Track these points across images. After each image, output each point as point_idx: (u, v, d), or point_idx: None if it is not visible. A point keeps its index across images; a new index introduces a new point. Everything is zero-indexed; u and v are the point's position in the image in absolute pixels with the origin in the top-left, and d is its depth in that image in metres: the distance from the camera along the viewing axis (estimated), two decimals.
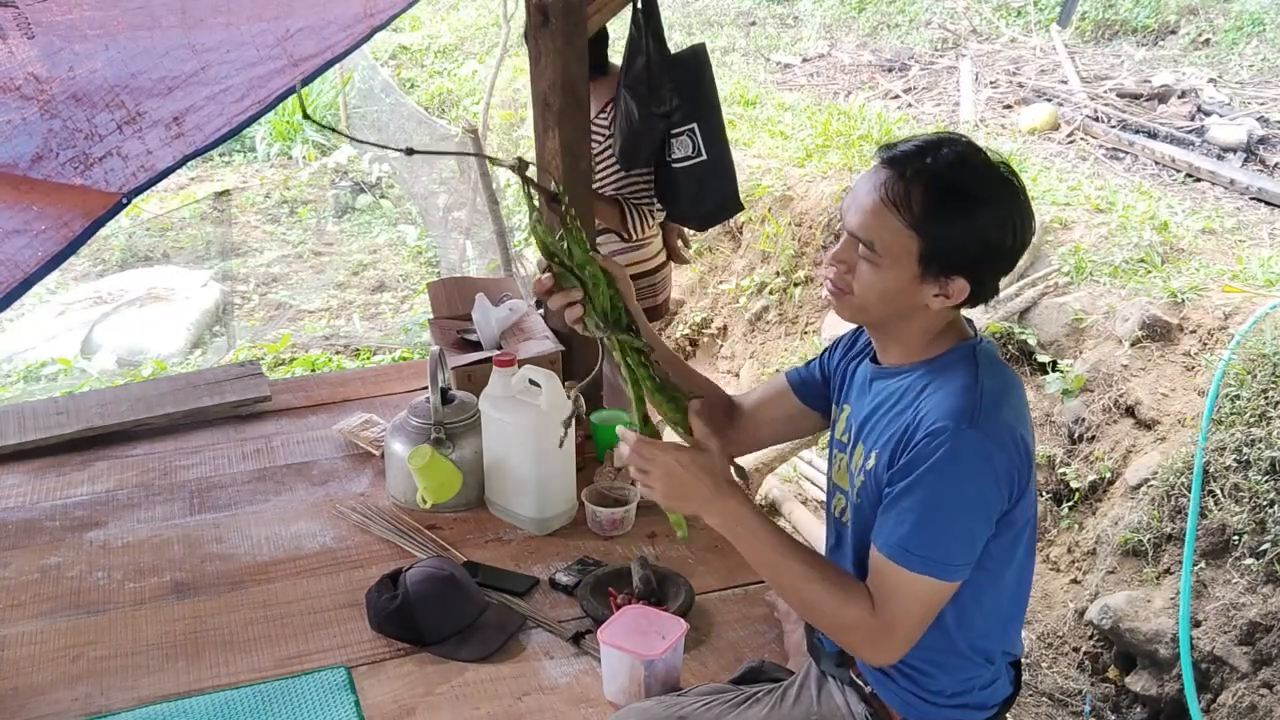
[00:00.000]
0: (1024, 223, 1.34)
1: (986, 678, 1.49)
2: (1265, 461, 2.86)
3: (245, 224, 7.12)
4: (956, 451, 1.29)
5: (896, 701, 1.49)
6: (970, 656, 1.46)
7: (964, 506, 1.31)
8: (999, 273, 1.37)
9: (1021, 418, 1.38)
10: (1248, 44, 6.87)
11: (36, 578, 2.11)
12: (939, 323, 1.41)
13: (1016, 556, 1.42)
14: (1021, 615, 1.52)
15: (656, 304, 3.19)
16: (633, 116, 2.81)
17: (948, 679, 1.46)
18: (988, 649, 1.47)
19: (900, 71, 7.11)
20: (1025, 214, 1.34)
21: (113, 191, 2.05)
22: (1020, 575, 1.46)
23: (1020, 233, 1.33)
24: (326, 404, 2.81)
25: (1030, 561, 1.48)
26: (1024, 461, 1.36)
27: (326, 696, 1.76)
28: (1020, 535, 1.41)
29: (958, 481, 1.30)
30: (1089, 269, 3.79)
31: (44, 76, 1.81)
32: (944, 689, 1.46)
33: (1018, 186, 1.34)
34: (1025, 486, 1.37)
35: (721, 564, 2.13)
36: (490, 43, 8.80)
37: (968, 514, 1.32)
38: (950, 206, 1.31)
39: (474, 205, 5.55)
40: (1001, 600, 1.45)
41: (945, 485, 1.30)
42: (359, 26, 2.20)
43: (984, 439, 1.30)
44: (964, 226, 1.31)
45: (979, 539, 1.34)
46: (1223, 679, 2.75)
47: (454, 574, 1.93)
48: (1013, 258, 1.36)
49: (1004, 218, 1.32)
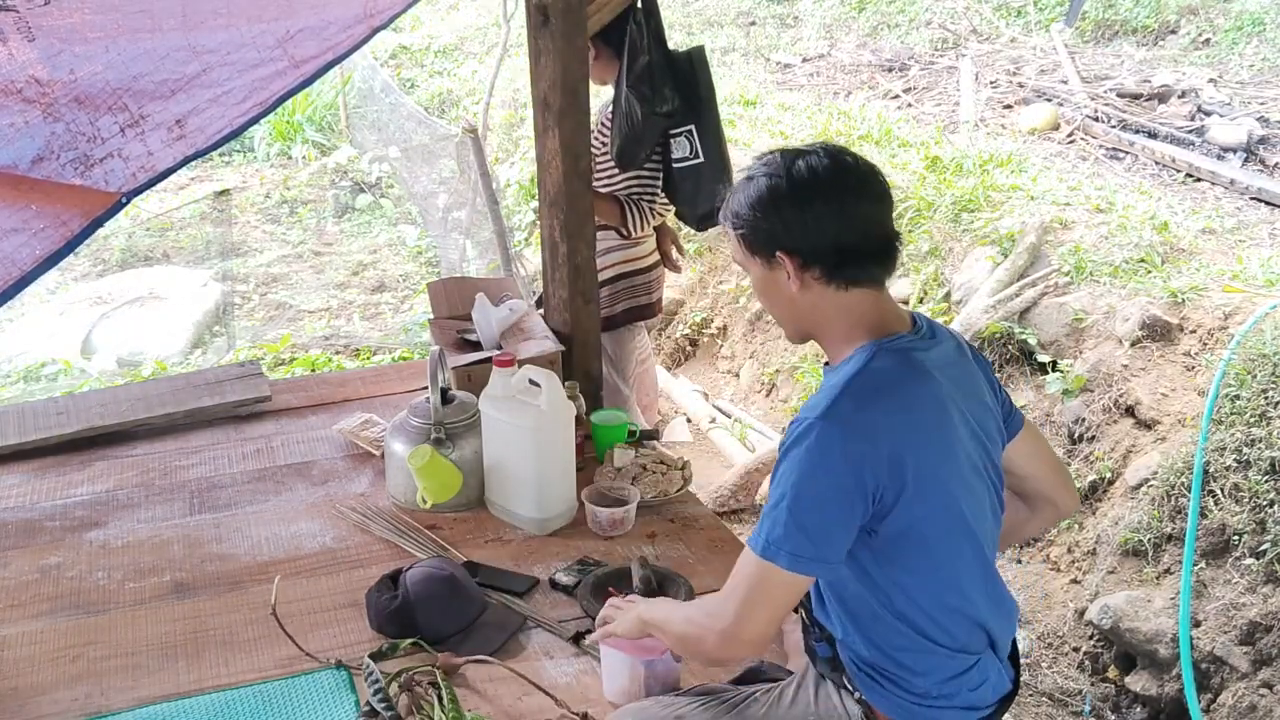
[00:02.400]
0: (793, 182, 1.40)
1: (974, 679, 1.48)
2: (1265, 461, 2.86)
3: (245, 224, 7.12)
4: (804, 442, 1.34)
5: (885, 705, 1.48)
6: (939, 651, 1.45)
7: (809, 497, 1.34)
8: (812, 236, 1.40)
9: (897, 417, 1.37)
10: (1248, 44, 6.87)
11: (37, 578, 2.11)
12: (843, 320, 1.44)
13: (932, 551, 1.42)
14: (979, 603, 1.49)
15: (651, 302, 3.19)
16: (634, 116, 2.81)
17: (927, 679, 1.46)
18: (954, 641, 1.46)
19: (900, 71, 7.11)
20: (798, 177, 1.40)
21: (112, 191, 2.05)
22: (951, 564, 1.44)
23: (791, 189, 1.40)
24: (326, 404, 2.81)
25: (961, 552, 1.45)
26: (887, 458, 1.35)
27: (326, 696, 1.76)
28: (927, 532, 1.40)
29: (803, 471, 1.34)
30: (1089, 269, 3.79)
31: (45, 79, 1.81)
32: (928, 690, 1.46)
33: (791, 154, 1.43)
34: (899, 484, 1.36)
35: (721, 564, 2.13)
36: (490, 43, 8.80)
37: (813, 504, 1.34)
38: (736, 191, 1.47)
39: (474, 205, 5.55)
40: (939, 592, 1.44)
41: (792, 475, 1.34)
42: (359, 27, 2.20)
43: (833, 430, 1.33)
44: (744, 198, 1.45)
45: (831, 530, 1.35)
46: (1223, 679, 2.75)
47: (454, 574, 1.93)
48: (809, 217, 1.40)
49: (771, 183, 1.41)
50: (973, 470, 1.46)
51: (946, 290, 4.24)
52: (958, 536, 1.44)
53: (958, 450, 1.43)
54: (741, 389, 4.80)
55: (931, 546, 1.42)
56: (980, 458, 1.48)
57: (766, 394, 4.64)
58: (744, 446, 4.15)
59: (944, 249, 4.36)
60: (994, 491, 1.52)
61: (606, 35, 2.83)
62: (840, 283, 1.42)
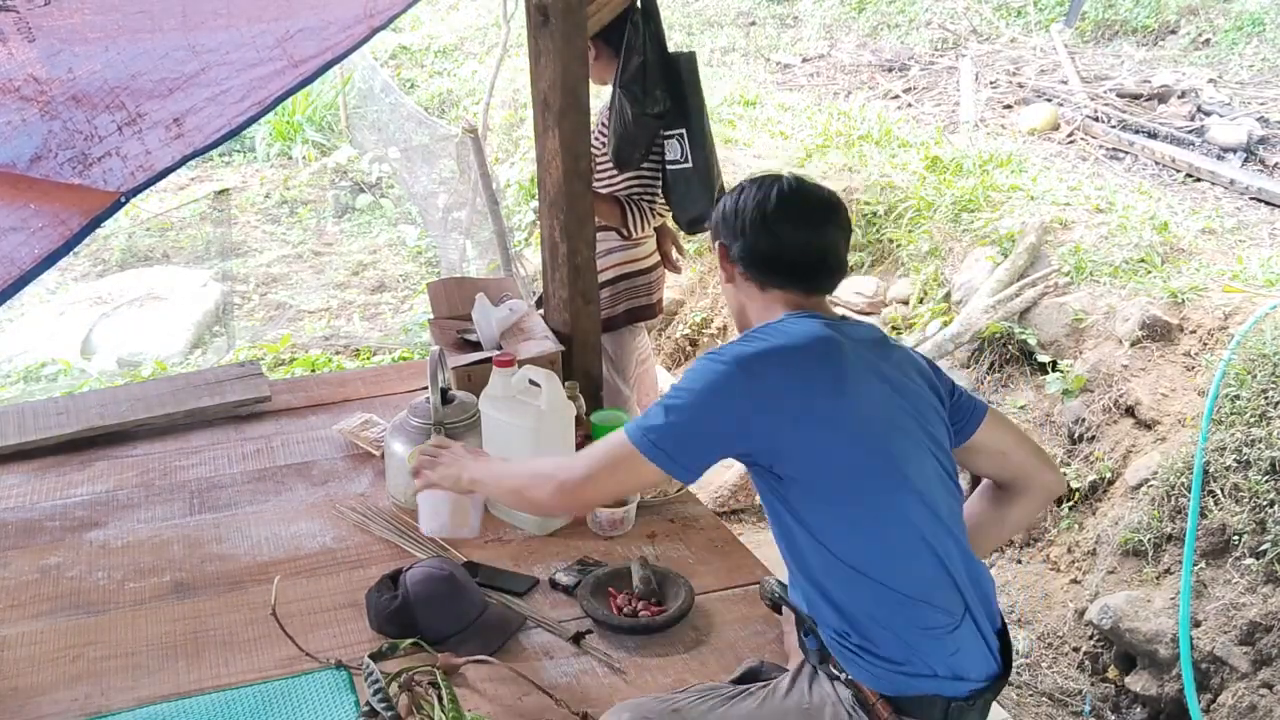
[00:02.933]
0: (750, 197, 1.65)
1: (949, 644, 1.50)
2: (1265, 461, 2.86)
3: (245, 224, 7.13)
4: (704, 361, 1.56)
5: (867, 678, 1.50)
6: (898, 598, 1.49)
7: (688, 404, 1.52)
8: (743, 238, 1.64)
9: (794, 360, 1.53)
10: (1247, 44, 6.88)
11: (37, 578, 2.12)
12: (764, 315, 1.64)
13: (856, 488, 1.50)
14: (936, 551, 1.52)
15: (651, 303, 3.19)
16: (626, 116, 2.81)
17: (896, 643, 1.48)
18: (912, 586, 1.49)
19: (900, 72, 7.12)
20: (758, 191, 1.65)
21: (111, 190, 2.05)
22: (886, 503, 1.51)
23: (744, 201, 1.65)
24: (326, 404, 2.81)
25: (895, 493, 1.52)
26: (775, 393, 1.50)
27: (326, 696, 1.76)
28: (842, 468, 1.50)
29: (691, 382, 1.54)
30: (1089, 269, 3.79)
31: (44, 78, 1.81)
32: (903, 655, 1.48)
33: (771, 177, 1.68)
34: (789, 420, 1.49)
35: (721, 564, 2.14)
36: (490, 43, 8.81)
37: (689, 412, 1.52)
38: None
39: (474, 205, 5.55)
40: (879, 530, 1.50)
41: (683, 382, 1.55)
42: (359, 27, 2.20)
43: (711, 361, 1.55)
44: (726, 196, 1.72)
45: (695, 439, 1.53)
46: (1223, 679, 2.75)
47: (454, 574, 1.93)
48: (745, 222, 1.64)
49: (744, 190, 1.68)
50: (895, 421, 1.56)
51: (946, 290, 4.24)
52: (886, 477, 1.52)
53: (866, 397, 1.54)
54: None
55: (853, 483, 1.51)
56: (909, 418, 1.58)
57: None
58: None
59: (944, 249, 4.36)
60: (936, 457, 1.59)
61: (607, 35, 2.83)
62: (758, 281, 1.65)
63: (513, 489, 1.71)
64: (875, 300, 4.56)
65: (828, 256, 1.65)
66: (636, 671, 1.83)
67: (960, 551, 1.57)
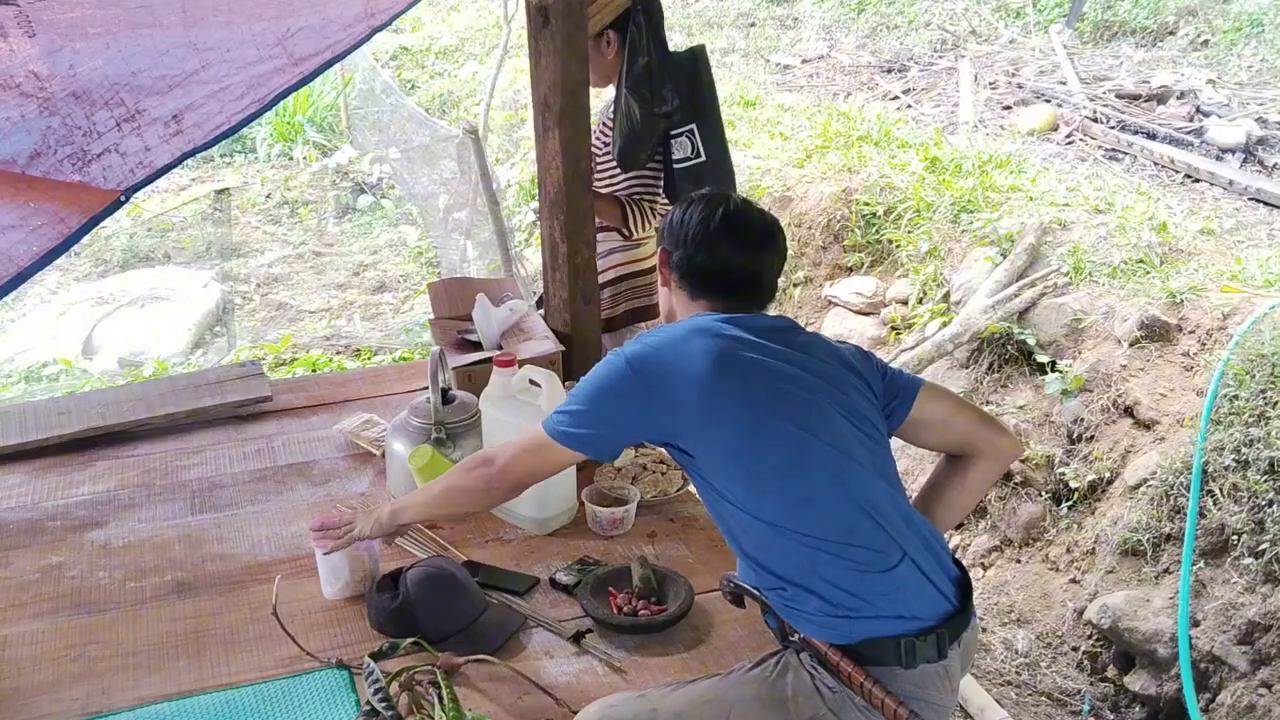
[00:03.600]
0: (696, 211, 1.75)
1: (885, 583, 1.53)
2: (1264, 461, 2.86)
3: (246, 225, 7.13)
4: (605, 368, 1.69)
5: (815, 630, 1.55)
6: (823, 544, 1.55)
7: (587, 392, 1.68)
8: (681, 247, 1.75)
9: (682, 346, 1.65)
10: (1246, 45, 6.88)
11: (38, 577, 2.12)
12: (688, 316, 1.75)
13: (759, 452, 1.59)
14: (848, 495, 1.58)
15: (652, 303, 3.19)
16: (633, 117, 2.81)
17: (830, 589, 1.53)
18: (832, 531, 1.55)
19: (899, 73, 7.12)
20: (705, 206, 1.75)
21: (111, 189, 2.05)
22: (791, 460, 1.58)
23: (690, 215, 1.76)
24: (327, 404, 2.81)
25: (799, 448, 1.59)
26: (666, 379, 1.62)
27: (327, 696, 1.76)
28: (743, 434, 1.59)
29: (596, 372, 1.69)
30: (1088, 269, 3.80)
31: (44, 74, 1.81)
32: (832, 601, 1.53)
33: (720, 195, 1.80)
34: (682, 399, 1.60)
35: (721, 564, 2.13)
36: (491, 44, 8.81)
37: (588, 397, 1.67)
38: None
39: (474, 206, 5.56)
40: (786, 486, 1.57)
41: (585, 381, 1.70)
42: (359, 26, 2.21)
43: (622, 353, 1.68)
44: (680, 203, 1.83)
45: (587, 423, 1.67)
46: (1221, 678, 2.75)
47: (454, 574, 1.93)
48: (687, 233, 1.75)
49: (694, 201, 1.79)
50: (794, 389, 1.63)
51: (946, 291, 4.25)
52: (785, 433, 1.59)
53: (759, 372, 1.63)
54: None
55: (752, 443, 1.59)
56: (813, 389, 1.64)
57: None
58: None
59: (943, 249, 4.37)
60: (849, 420, 1.65)
61: (622, 27, 2.82)
62: (687, 290, 1.77)
63: (441, 494, 1.83)
64: (874, 300, 4.56)
65: (759, 277, 1.76)
66: (636, 671, 1.83)
67: (889, 496, 1.62)
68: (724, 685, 1.60)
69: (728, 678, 1.61)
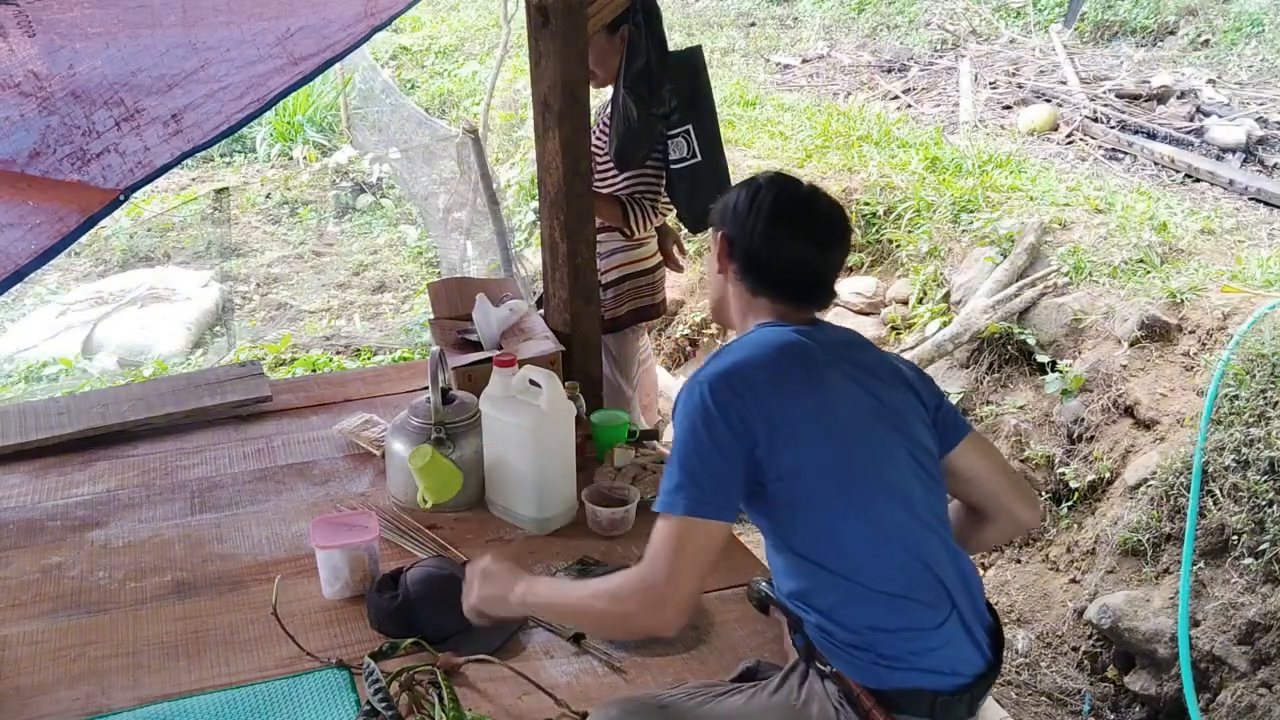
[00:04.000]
0: (767, 199, 1.61)
1: (934, 640, 1.50)
2: (1264, 461, 2.86)
3: (246, 224, 7.13)
4: (686, 402, 1.52)
5: (852, 671, 1.51)
6: (878, 597, 1.49)
7: (692, 448, 1.49)
8: (745, 237, 1.61)
9: (766, 372, 1.52)
10: (1247, 45, 6.88)
11: (38, 577, 2.12)
12: (750, 317, 1.64)
13: (829, 495, 1.50)
14: (914, 548, 1.52)
15: (654, 303, 3.20)
16: (631, 117, 2.81)
17: (879, 638, 1.49)
18: (892, 584, 1.49)
19: (900, 72, 7.12)
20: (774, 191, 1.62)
21: (110, 188, 2.05)
22: (860, 504, 1.51)
23: (760, 202, 1.61)
24: (327, 404, 2.81)
25: (869, 495, 1.52)
26: (757, 408, 1.49)
27: (327, 696, 1.76)
28: (818, 474, 1.50)
29: (685, 428, 1.51)
30: (1088, 269, 3.80)
31: (44, 74, 1.81)
32: (879, 650, 1.48)
33: (785, 177, 1.66)
34: (771, 431, 1.48)
35: (721, 564, 2.13)
36: (490, 44, 8.81)
37: (696, 454, 1.48)
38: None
39: (474, 206, 5.55)
40: (855, 533, 1.50)
41: (679, 432, 1.52)
42: (359, 26, 2.21)
43: (697, 383, 1.52)
44: (724, 197, 1.70)
45: (717, 475, 1.48)
46: (1221, 678, 2.75)
47: (454, 574, 1.93)
48: (754, 221, 1.61)
49: (758, 182, 1.64)
50: (868, 419, 1.56)
51: (946, 290, 4.24)
52: (859, 476, 1.52)
53: (839, 396, 1.55)
54: None
55: (828, 484, 1.50)
56: (883, 418, 1.57)
57: None
58: None
59: (943, 249, 4.37)
60: (913, 455, 1.57)
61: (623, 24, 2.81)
62: (749, 286, 1.63)
63: (596, 618, 1.59)
64: (874, 300, 4.56)
65: (826, 277, 1.63)
66: (636, 671, 1.83)
67: (945, 547, 1.56)
68: (749, 708, 1.56)
69: (752, 700, 1.57)
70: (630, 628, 1.61)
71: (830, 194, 1.67)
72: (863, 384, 1.58)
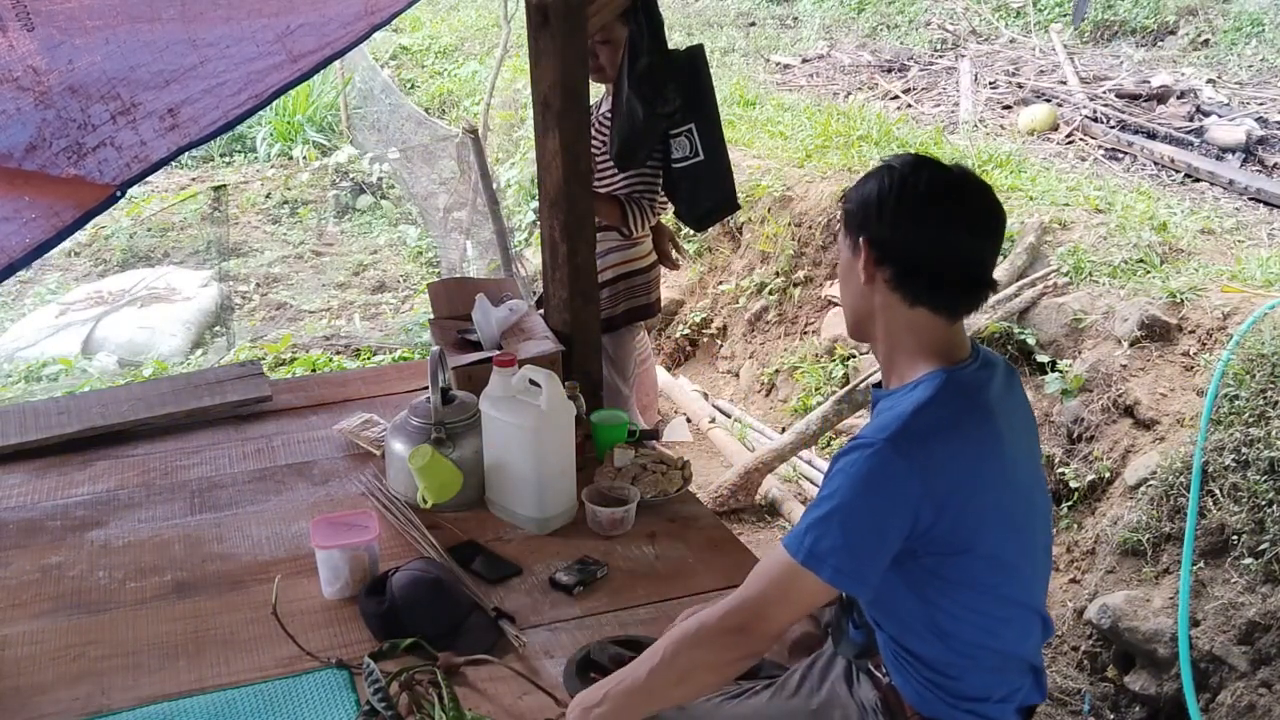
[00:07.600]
0: (921, 184, 1.38)
1: (1004, 688, 1.47)
2: (1264, 461, 2.86)
3: (246, 224, 7.13)
4: (867, 461, 1.32)
5: (913, 696, 1.46)
6: (997, 663, 1.45)
7: (864, 516, 1.32)
8: (899, 239, 1.39)
9: (957, 452, 1.35)
10: (1247, 44, 6.88)
11: (38, 577, 2.12)
12: (911, 339, 1.43)
13: (987, 581, 1.41)
14: (1019, 621, 1.48)
15: (649, 302, 3.20)
16: (635, 116, 2.81)
17: (969, 682, 1.45)
18: (1003, 662, 1.46)
19: (900, 72, 7.12)
20: (920, 181, 1.38)
21: (106, 183, 2.05)
22: (1008, 598, 1.43)
23: (910, 190, 1.38)
24: (327, 404, 2.81)
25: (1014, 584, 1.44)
26: (943, 492, 1.33)
27: (327, 696, 1.76)
28: (982, 560, 1.39)
29: (861, 490, 1.32)
30: (1088, 269, 3.80)
31: (42, 68, 1.81)
32: (965, 692, 1.45)
33: (929, 161, 1.41)
34: (951, 518, 1.34)
35: (721, 563, 2.14)
36: (490, 43, 8.81)
37: (866, 524, 1.32)
38: (866, 174, 1.45)
39: (474, 206, 5.55)
40: (992, 624, 1.43)
41: (848, 491, 1.32)
42: (359, 24, 2.20)
43: (897, 456, 1.31)
44: (865, 181, 1.43)
45: (876, 553, 1.33)
46: (1221, 678, 2.75)
47: (440, 577, 1.93)
48: (905, 220, 1.38)
49: (895, 175, 1.39)
50: (1033, 481, 1.47)
51: None
52: (1012, 566, 1.43)
53: (1011, 487, 1.41)
54: (741, 389, 4.81)
55: (993, 565, 1.39)
56: (1037, 473, 1.48)
57: (766, 394, 4.65)
58: (744, 446, 4.15)
59: None
60: (1045, 524, 1.51)
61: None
62: (907, 296, 1.39)
63: (681, 673, 1.41)
64: None
65: (991, 272, 1.42)
66: None
67: (1046, 616, 1.53)
68: (770, 709, 1.54)
69: (771, 701, 1.55)
70: (719, 665, 1.42)
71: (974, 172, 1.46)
72: (1029, 447, 1.47)
